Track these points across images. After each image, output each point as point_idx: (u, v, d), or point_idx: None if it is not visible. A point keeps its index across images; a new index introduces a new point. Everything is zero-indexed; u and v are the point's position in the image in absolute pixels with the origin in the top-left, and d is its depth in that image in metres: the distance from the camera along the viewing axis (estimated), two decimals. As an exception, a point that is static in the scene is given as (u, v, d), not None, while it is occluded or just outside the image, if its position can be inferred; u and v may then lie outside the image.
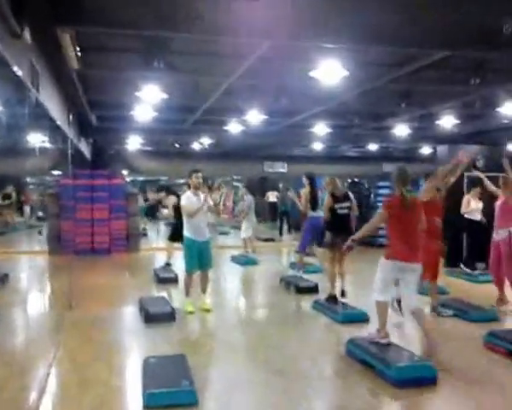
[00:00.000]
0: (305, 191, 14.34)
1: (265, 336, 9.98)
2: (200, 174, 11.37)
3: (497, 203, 11.92)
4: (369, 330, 9.17)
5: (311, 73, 10.18)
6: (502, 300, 11.80)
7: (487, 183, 13.02)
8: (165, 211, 21.86)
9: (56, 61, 10.10)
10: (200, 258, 11.34)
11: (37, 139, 21.01)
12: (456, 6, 7.63)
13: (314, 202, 14.23)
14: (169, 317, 10.66)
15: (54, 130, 14.72)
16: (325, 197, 12.30)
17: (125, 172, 27.41)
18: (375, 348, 8.35)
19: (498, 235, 11.64)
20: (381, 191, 24.81)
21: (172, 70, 10.80)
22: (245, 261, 18.41)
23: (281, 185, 32.22)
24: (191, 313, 11.18)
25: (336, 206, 11.78)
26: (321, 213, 13.30)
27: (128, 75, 12.40)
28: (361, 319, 10.76)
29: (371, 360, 8.10)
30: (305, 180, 14.47)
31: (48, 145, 22.69)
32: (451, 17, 8.11)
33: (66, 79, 11.71)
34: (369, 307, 9.67)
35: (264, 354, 8.86)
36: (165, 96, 12.59)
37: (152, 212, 29.57)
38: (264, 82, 12.83)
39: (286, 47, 10.01)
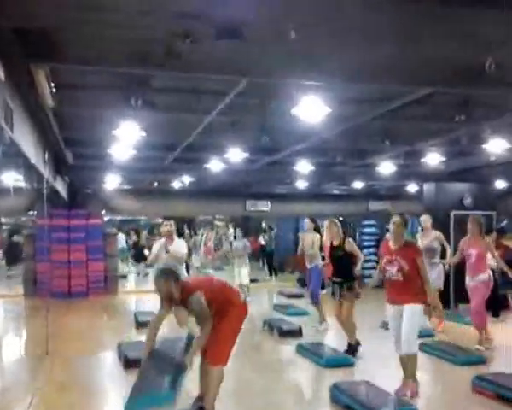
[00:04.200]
0: (316, 237, 14.23)
1: (249, 383, 9.95)
2: (169, 222, 12.11)
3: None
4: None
5: (293, 111, 10.24)
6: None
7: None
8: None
9: (31, 99, 10.09)
10: None
11: (11, 179, 20.93)
12: (440, 43, 7.70)
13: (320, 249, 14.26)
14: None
15: (28, 169, 14.66)
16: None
17: (103, 211, 27.37)
18: (359, 394, 8.35)
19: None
20: (367, 230, 24.94)
21: (151, 107, 10.82)
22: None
23: (263, 225, 32.29)
24: None
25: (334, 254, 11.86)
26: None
27: (105, 113, 12.40)
28: (345, 363, 10.76)
29: (355, 406, 8.09)
30: (309, 224, 14.48)
31: (23, 185, 22.56)
32: (435, 54, 8.18)
33: (41, 117, 11.70)
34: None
35: (247, 402, 8.82)
36: (143, 134, 12.62)
37: (139, 254, 29.14)
38: (244, 119, 12.87)
39: (266, 84, 10.08)
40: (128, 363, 10.47)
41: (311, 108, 10.03)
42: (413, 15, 6.87)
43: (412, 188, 26.89)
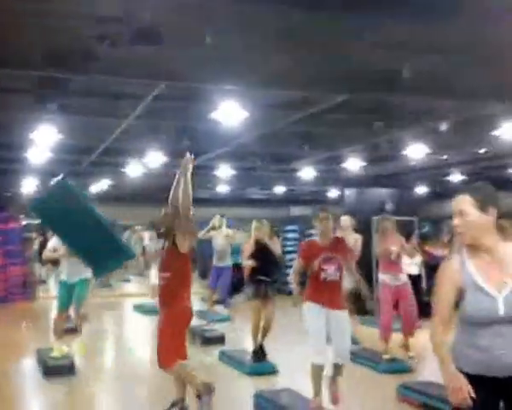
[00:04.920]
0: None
1: (167, 392, 9.87)
2: None
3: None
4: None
5: (212, 115, 10.28)
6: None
7: None
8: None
9: None
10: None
11: None
12: (357, 50, 7.82)
13: None
14: (68, 370, 10.50)
15: None
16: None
17: (21, 215, 26.99)
18: (281, 401, 8.41)
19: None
20: (290, 235, 25.04)
21: (66, 111, 10.73)
22: (149, 310, 17.97)
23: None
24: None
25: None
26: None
27: (20, 116, 12.23)
28: (269, 371, 10.80)
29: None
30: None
31: None
32: (352, 61, 8.30)
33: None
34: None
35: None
36: (59, 137, 12.49)
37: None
38: (163, 123, 12.86)
39: (184, 88, 10.10)
40: (48, 370, 10.37)
41: (230, 113, 10.09)
42: (326, 23, 6.98)
43: (334, 193, 27.17)
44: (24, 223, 25.41)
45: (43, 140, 13.16)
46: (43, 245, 23.30)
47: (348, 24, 7.00)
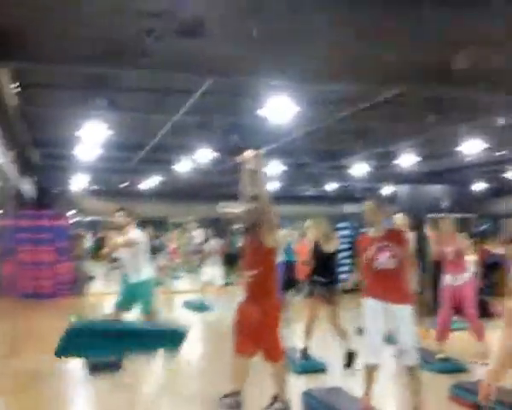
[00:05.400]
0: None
1: (217, 388, 9.84)
2: (121, 213, 10.95)
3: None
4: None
5: (261, 110, 10.25)
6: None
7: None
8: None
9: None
10: None
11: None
12: (408, 42, 7.73)
13: None
14: (114, 365, 10.51)
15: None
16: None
17: (71, 212, 27.20)
18: (330, 399, 8.32)
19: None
20: (342, 233, 24.86)
21: (116, 107, 10.78)
22: (198, 307, 18.14)
23: (235, 228, 31.95)
24: None
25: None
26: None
27: (70, 112, 12.34)
28: (319, 369, 10.71)
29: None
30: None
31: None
32: (403, 53, 8.19)
33: (6, 116, 11.64)
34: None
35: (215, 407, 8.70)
36: (109, 133, 12.56)
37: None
38: (211, 118, 12.87)
39: (233, 84, 10.09)
40: (94, 366, 10.39)
41: (279, 108, 10.04)
42: (380, 15, 6.89)
43: (387, 190, 26.95)
44: (73, 220, 25.65)
45: (92, 136, 13.25)
46: (100, 242, 23.45)
47: (401, 16, 6.91)
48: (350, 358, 10.75)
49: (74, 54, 8.10)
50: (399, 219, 13.03)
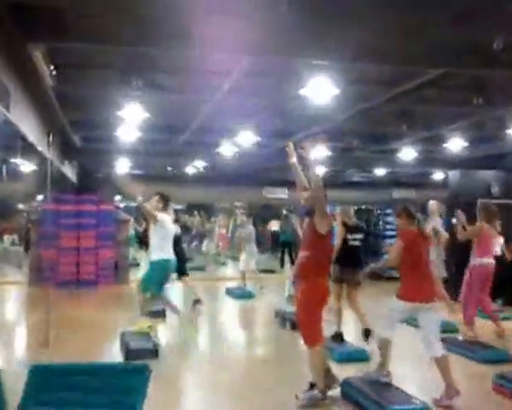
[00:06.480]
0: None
1: (255, 377, 9.80)
2: (155, 197, 11.50)
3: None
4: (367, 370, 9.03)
5: (301, 91, 10.15)
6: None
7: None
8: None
9: (31, 79, 10.07)
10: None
11: (19, 164, 20.98)
12: (451, 23, 7.59)
13: None
14: (151, 353, 10.50)
15: (34, 152, 14.61)
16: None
17: (117, 197, 27.25)
18: (369, 390, 8.23)
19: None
20: (390, 219, 24.66)
21: (153, 88, 10.78)
22: (240, 295, 18.13)
23: (284, 212, 31.81)
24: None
25: (349, 236, 11.52)
26: None
27: (108, 93, 12.32)
28: (360, 357, 10.61)
29: (364, 402, 7.98)
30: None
31: (29, 169, 22.42)
32: (447, 34, 8.08)
33: (42, 98, 11.67)
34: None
35: (251, 398, 8.64)
36: (147, 115, 12.55)
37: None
38: (252, 100, 12.78)
39: (272, 63, 10.02)
40: (130, 353, 10.38)
41: (320, 89, 9.94)
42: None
43: (438, 176, 26.68)
44: (121, 205, 25.67)
45: (132, 118, 13.25)
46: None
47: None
48: (366, 334, 11.15)
49: (114, 33, 8.14)
50: (432, 205, 13.09)
